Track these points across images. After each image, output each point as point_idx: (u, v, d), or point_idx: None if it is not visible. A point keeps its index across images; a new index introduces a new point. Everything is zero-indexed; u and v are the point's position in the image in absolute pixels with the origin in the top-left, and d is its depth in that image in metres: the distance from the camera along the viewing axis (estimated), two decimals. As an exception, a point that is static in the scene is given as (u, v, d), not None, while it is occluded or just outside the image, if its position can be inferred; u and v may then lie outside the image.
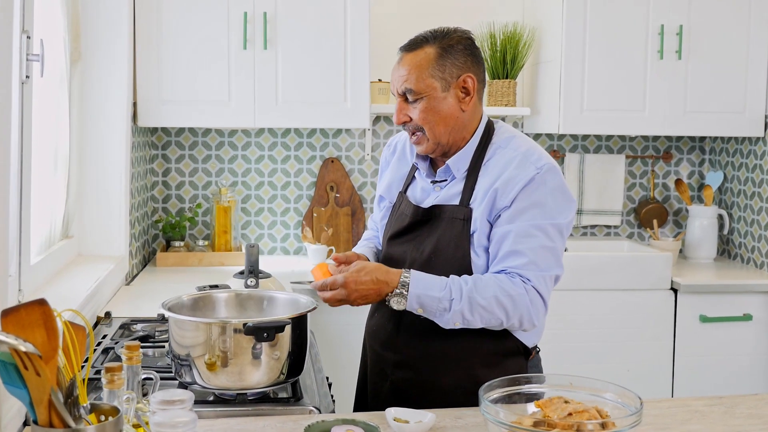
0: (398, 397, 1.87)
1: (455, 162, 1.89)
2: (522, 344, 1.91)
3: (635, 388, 3.29)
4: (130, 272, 3.13)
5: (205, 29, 3.22)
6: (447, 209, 1.88)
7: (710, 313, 3.36)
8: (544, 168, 1.81)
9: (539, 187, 1.80)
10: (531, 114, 3.71)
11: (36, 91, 2.28)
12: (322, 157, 3.76)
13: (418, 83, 1.83)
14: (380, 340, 1.97)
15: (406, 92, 1.85)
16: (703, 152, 4.01)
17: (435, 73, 1.83)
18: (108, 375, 1.34)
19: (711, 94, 3.51)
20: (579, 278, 3.32)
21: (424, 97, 1.83)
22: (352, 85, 3.30)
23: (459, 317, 1.76)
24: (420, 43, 1.85)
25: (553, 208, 1.81)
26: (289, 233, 3.77)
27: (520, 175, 1.80)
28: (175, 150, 3.69)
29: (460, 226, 1.85)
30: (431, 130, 1.85)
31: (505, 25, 3.65)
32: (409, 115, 1.86)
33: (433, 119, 1.84)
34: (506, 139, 1.90)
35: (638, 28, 3.45)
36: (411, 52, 1.85)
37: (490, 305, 1.75)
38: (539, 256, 1.79)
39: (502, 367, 1.86)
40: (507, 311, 1.77)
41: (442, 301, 1.75)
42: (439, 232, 1.88)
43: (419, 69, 1.83)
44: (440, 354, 1.88)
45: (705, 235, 3.78)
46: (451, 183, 1.91)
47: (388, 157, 2.11)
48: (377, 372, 1.99)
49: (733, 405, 1.75)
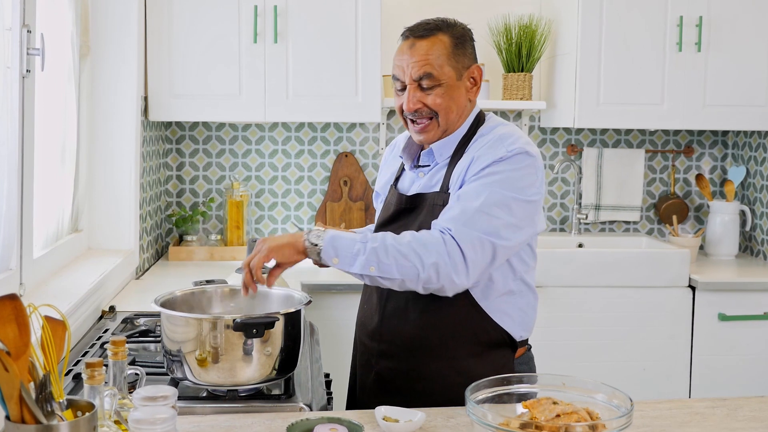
0: (383, 388, 1.88)
1: (439, 147, 1.89)
2: (508, 335, 1.87)
3: (651, 388, 3.27)
4: (141, 266, 3.13)
5: (216, 23, 3.21)
6: (428, 197, 1.88)
7: (729, 311, 3.28)
8: (515, 150, 1.78)
9: (502, 163, 1.77)
10: (547, 108, 3.65)
11: (42, 85, 2.28)
12: (336, 152, 3.74)
13: (438, 70, 1.81)
14: (367, 331, 1.97)
15: (423, 77, 1.81)
16: (726, 146, 3.92)
17: (451, 62, 1.83)
18: (88, 371, 1.33)
19: (732, 87, 3.42)
20: (594, 274, 3.27)
21: (443, 83, 1.82)
22: (364, 79, 3.27)
23: (374, 259, 1.68)
24: (433, 30, 1.84)
25: (509, 184, 1.75)
26: (302, 228, 3.75)
27: (489, 154, 1.79)
28: (189, 144, 3.69)
29: (439, 212, 1.83)
30: (445, 117, 1.85)
31: (520, 17, 3.59)
32: (422, 101, 1.83)
33: (448, 106, 1.84)
34: (490, 127, 1.89)
35: (656, 19, 3.37)
36: (425, 38, 1.82)
37: (403, 249, 1.68)
38: (471, 216, 1.72)
39: (487, 359, 1.83)
40: (421, 257, 1.68)
41: (355, 243, 1.70)
42: (421, 218, 1.87)
43: (438, 56, 1.81)
44: (423, 343, 1.86)
45: (726, 232, 3.69)
46: (434, 168, 1.91)
47: (388, 155, 2.12)
48: (363, 363, 1.99)
49: (736, 407, 1.70)
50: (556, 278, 3.25)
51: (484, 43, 3.65)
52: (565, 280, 3.27)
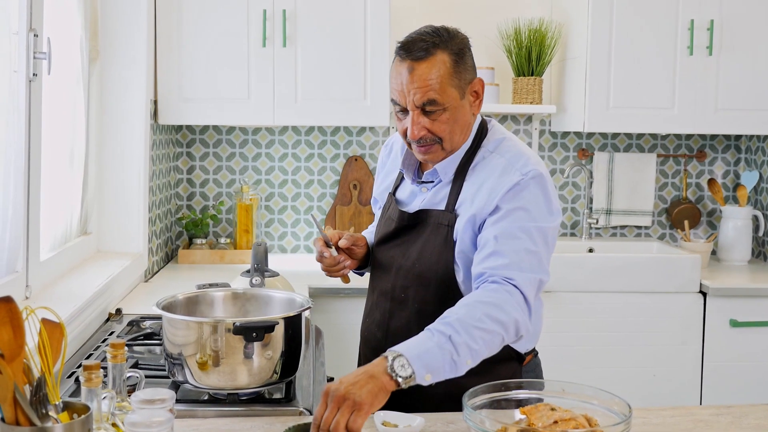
0: (388, 405, 1.82)
1: (444, 167, 1.83)
2: (514, 351, 1.83)
3: (662, 395, 3.24)
4: (150, 269, 3.14)
5: (225, 27, 3.22)
6: (433, 214, 1.83)
7: (741, 317, 3.24)
8: (530, 174, 1.75)
9: (523, 191, 1.73)
10: (557, 112, 3.64)
11: (50, 89, 2.30)
12: (346, 155, 3.74)
13: (442, 95, 1.72)
14: (371, 347, 1.94)
15: (426, 104, 1.72)
16: (739, 151, 3.89)
17: (454, 82, 1.73)
18: (86, 373, 1.33)
19: (744, 91, 3.39)
20: (604, 280, 3.25)
21: (447, 107, 1.74)
22: (372, 83, 3.27)
23: (466, 351, 1.53)
24: (430, 49, 1.71)
25: (537, 213, 1.73)
26: (312, 231, 3.75)
27: (504, 181, 1.75)
28: (200, 148, 3.70)
29: (444, 232, 1.80)
30: (450, 141, 1.78)
31: (530, 21, 3.58)
32: (427, 128, 1.75)
33: (453, 129, 1.77)
34: (495, 142, 1.84)
35: (667, 23, 3.35)
36: (424, 60, 1.71)
37: (485, 325, 1.57)
38: (522, 258, 1.69)
39: (493, 374, 1.74)
40: (502, 323, 1.60)
41: (443, 351, 1.51)
42: (424, 237, 1.83)
43: (440, 78, 1.71)
44: None
45: (739, 237, 3.66)
46: (438, 185, 1.86)
47: (385, 158, 2.06)
48: None
49: (741, 415, 1.68)
50: (566, 283, 3.23)
51: (494, 46, 3.65)
52: (575, 285, 3.25)
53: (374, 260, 1.95)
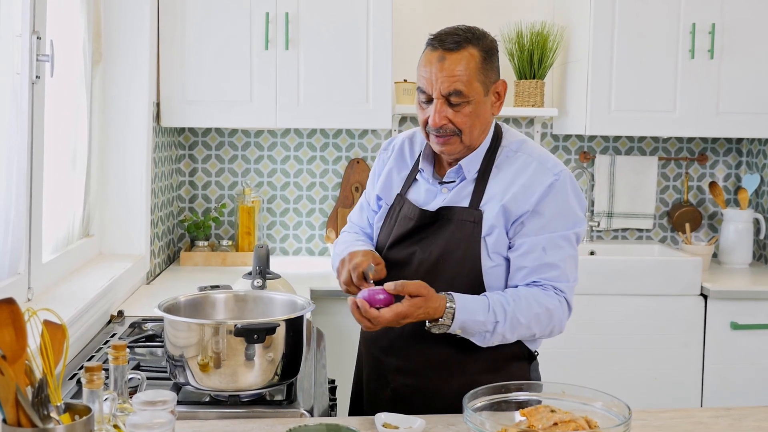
0: (399, 404, 1.83)
1: (468, 163, 1.87)
2: (527, 349, 1.90)
3: (662, 397, 3.24)
4: (152, 271, 3.15)
5: (228, 30, 3.23)
6: (456, 211, 1.85)
7: (742, 320, 3.25)
8: (562, 174, 1.84)
9: (559, 193, 1.82)
10: (559, 115, 3.65)
11: (53, 91, 2.31)
12: (348, 158, 3.74)
13: (468, 87, 1.77)
14: (380, 346, 1.94)
15: (452, 94, 1.77)
16: (740, 154, 3.89)
17: (480, 78, 1.79)
18: (87, 375, 1.34)
19: (745, 95, 3.40)
20: (606, 282, 3.25)
21: (471, 101, 1.79)
22: (375, 86, 3.28)
23: (500, 338, 1.77)
24: (462, 42, 1.78)
25: (573, 217, 1.84)
26: (314, 234, 3.76)
27: (539, 181, 1.82)
28: (202, 150, 3.71)
29: (470, 228, 1.82)
30: (469, 134, 1.82)
31: (532, 24, 3.59)
32: (449, 118, 1.80)
33: (473, 123, 1.81)
34: (517, 143, 1.90)
35: (669, 26, 3.36)
36: (456, 52, 1.77)
37: (529, 323, 1.77)
38: (568, 266, 1.83)
39: (505, 372, 1.82)
40: (543, 325, 1.80)
41: (486, 325, 1.74)
42: (448, 234, 1.85)
43: (468, 71, 1.77)
44: (444, 360, 1.85)
45: (740, 240, 3.66)
46: (461, 184, 1.88)
47: (386, 158, 2.06)
48: (376, 378, 1.95)
49: (741, 417, 1.68)
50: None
51: (496, 49, 3.65)
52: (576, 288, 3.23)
53: (390, 259, 1.92)
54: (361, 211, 2.11)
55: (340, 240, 2.11)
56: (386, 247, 1.95)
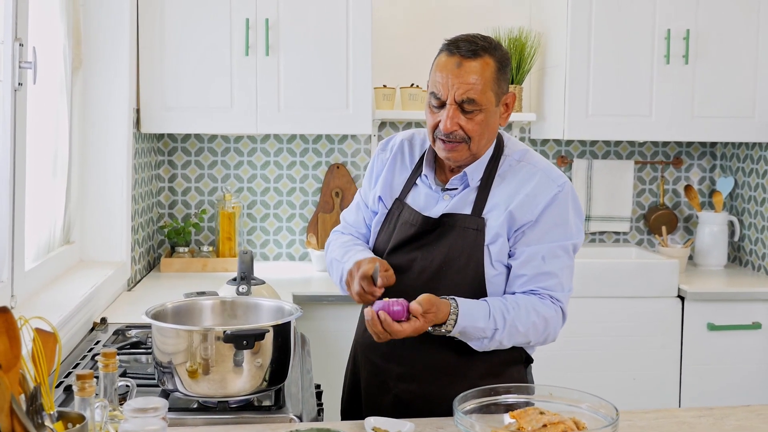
0: (401, 410, 1.84)
1: (472, 171, 1.88)
2: (525, 353, 1.95)
3: (641, 398, 3.28)
4: (133, 278, 3.14)
5: (208, 36, 3.23)
6: (459, 218, 1.87)
7: (718, 321, 3.30)
8: (565, 186, 1.87)
9: (561, 205, 1.85)
10: (537, 119, 3.68)
11: (34, 97, 2.30)
12: (328, 163, 3.75)
13: (482, 95, 1.78)
14: (381, 353, 1.94)
15: (465, 102, 1.78)
16: (714, 158, 3.95)
17: (494, 87, 1.80)
18: (79, 382, 1.34)
19: (719, 99, 3.46)
20: (585, 285, 3.28)
21: (483, 110, 1.80)
22: (354, 91, 3.29)
23: (497, 344, 1.81)
24: (479, 51, 1.78)
25: (572, 228, 1.88)
26: (294, 239, 3.77)
27: (543, 192, 1.85)
28: (181, 156, 3.70)
29: (473, 236, 1.84)
30: (477, 143, 1.83)
31: (510, 30, 3.63)
32: (460, 124, 1.80)
33: (483, 132, 1.83)
34: (520, 152, 1.92)
35: (644, 32, 3.41)
36: (473, 59, 1.78)
37: (527, 331, 1.81)
38: (565, 276, 1.87)
39: (505, 376, 1.86)
40: (539, 333, 1.84)
41: (485, 331, 1.78)
42: (450, 241, 1.86)
43: (484, 81, 1.78)
44: (445, 365, 1.87)
45: (715, 242, 3.72)
46: (463, 192, 1.89)
47: (384, 159, 2.04)
48: (377, 384, 1.96)
49: (722, 416, 1.72)
50: (546, 289, 3.26)
51: (475, 55, 3.68)
52: (555, 291, 3.28)
53: (391, 264, 1.91)
54: (357, 211, 2.10)
55: (333, 241, 2.09)
56: (386, 252, 1.95)
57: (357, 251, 1.97)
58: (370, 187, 2.06)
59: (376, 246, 2.01)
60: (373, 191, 2.04)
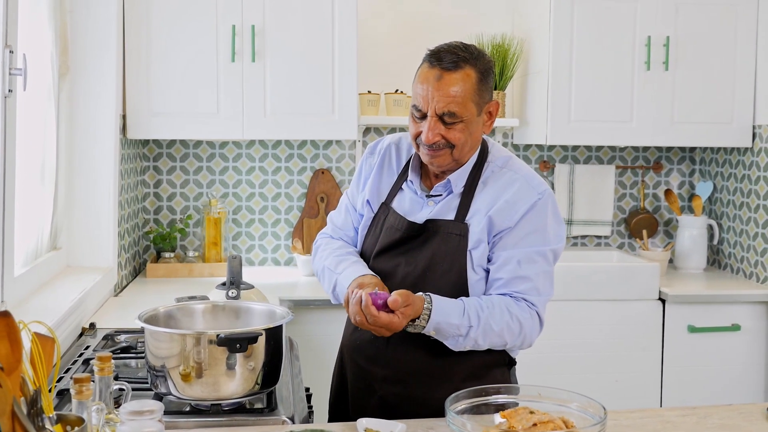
0: (387, 411, 1.86)
1: (456, 178, 1.91)
2: (508, 356, 1.97)
3: (623, 399, 3.33)
4: (119, 283, 3.14)
5: (194, 42, 3.24)
6: (442, 224, 1.89)
7: (698, 323, 3.36)
8: (545, 194, 1.89)
9: (540, 212, 1.87)
10: (520, 125, 3.73)
11: (21, 104, 2.30)
12: (313, 169, 3.78)
13: (462, 108, 1.79)
14: (366, 355, 1.97)
15: (446, 114, 1.80)
16: (693, 162, 4.02)
17: (475, 98, 1.80)
18: (76, 386, 1.36)
19: (698, 105, 3.52)
20: (567, 289, 3.33)
21: (464, 120, 1.81)
22: (340, 97, 3.32)
23: (472, 342, 1.82)
24: (460, 62, 1.79)
25: (550, 235, 1.88)
26: (279, 244, 3.78)
27: (523, 199, 1.87)
28: (167, 162, 3.71)
29: (456, 241, 1.87)
30: (460, 151, 1.85)
31: (493, 36, 3.67)
32: (441, 134, 1.82)
33: (465, 141, 1.84)
34: (503, 159, 1.94)
35: (625, 39, 3.47)
36: (454, 72, 1.78)
37: (501, 331, 1.82)
38: (540, 281, 1.87)
39: (488, 378, 1.89)
40: (515, 335, 1.84)
41: (460, 328, 1.79)
42: (434, 246, 1.89)
43: (464, 93, 1.78)
44: (429, 368, 1.90)
45: (695, 246, 3.78)
46: (447, 198, 1.92)
47: (372, 163, 2.06)
48: (363, 387, 1.98)
49: (705, 415, 1.76)
50: (530, 292, 3.30)
51: (458, 61, 3.72)
52: (539, 294, 3.32)
53: (375, 269, 1.95)
54: (346, 213, 2.11)
55: (323, 246, 2.10)
56: (372, 256, 1.98)
57: (351, 263, 1.97)
58: (359, 190, 2.08)
59: (363, 250, 2.03)
60: (361, 194, 2.07)
